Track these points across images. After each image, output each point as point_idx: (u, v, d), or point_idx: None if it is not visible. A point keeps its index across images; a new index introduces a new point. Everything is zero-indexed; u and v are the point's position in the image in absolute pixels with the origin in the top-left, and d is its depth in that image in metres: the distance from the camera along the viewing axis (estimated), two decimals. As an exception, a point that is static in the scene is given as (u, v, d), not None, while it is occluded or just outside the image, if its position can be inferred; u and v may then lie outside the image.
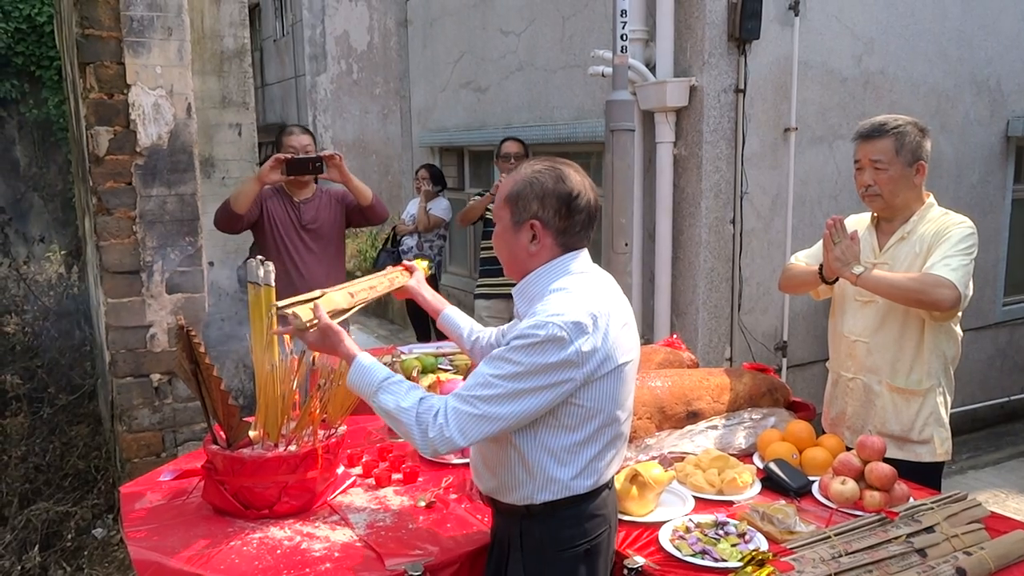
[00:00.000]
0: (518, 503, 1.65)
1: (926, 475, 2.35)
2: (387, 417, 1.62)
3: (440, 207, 5.63)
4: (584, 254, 1.71)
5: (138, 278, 3.40)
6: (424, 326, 6.04)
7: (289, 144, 3.49)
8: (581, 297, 1.59)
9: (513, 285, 1.76)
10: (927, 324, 2.33)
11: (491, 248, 4.51)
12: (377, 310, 8.88)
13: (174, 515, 1.97)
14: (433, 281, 5.54)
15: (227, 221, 3.41)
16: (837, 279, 2.39)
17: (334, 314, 1.98)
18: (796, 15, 4.13)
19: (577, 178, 1.66)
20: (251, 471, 1.91)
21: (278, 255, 3.47)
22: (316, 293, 1.99)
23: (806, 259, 2.58)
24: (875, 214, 2.47)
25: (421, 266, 2.27)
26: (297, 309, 1.88)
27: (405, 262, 2.29)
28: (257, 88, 13.07)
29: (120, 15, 3.23)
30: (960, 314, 2.35)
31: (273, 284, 1.97)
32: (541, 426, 1.59)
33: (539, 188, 1.64)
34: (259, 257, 1.97)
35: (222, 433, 1.98)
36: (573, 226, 1.66)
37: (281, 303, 1.91)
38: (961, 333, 2.42)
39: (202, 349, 1.91)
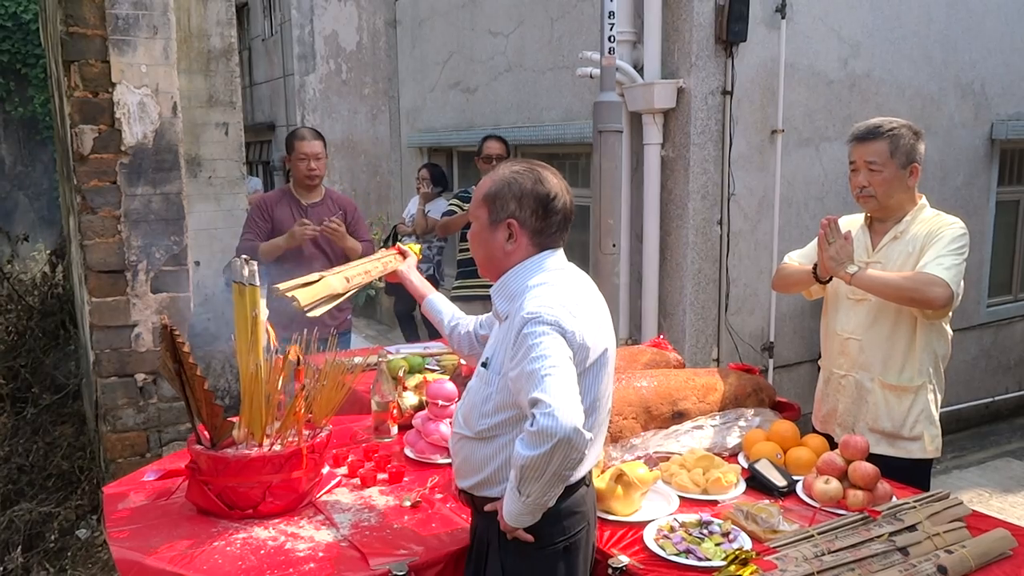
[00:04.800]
0: (500, 496, 1.65)
1: (916, 471, 2.38)
2: (541, 471, 1.47)
3: (439, 209, 5.59)
4: (559, 253, 1.74)
5: (123, 277, 3.38)
6: (411, 328, 6.02)
7: (301, 151, 3.62)
8: (562, 290, 1.62)
9: (490, 286, 1.76)
10: (919, 322, 2.36)
11: (469, 250, 4.47)
12: (366, 311, 8.86)
13: (158, 515, 1.96)
14: (433, 283, 5.53)
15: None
16: (831, 278, 2.40)
17: (330, 298, 2.01)
18: (783, 18, 4.15)
19: (554, 180, 1.69)
20: (235, 471, 1.90)
21: (285, 256, 3.58)
22: (314, 276, 2.02)
23: (799, 259, 2.60)
24: (868, 214, 2.49)
25: (414, 250, 2.30)
26: (296, 292, 1.91)
27: (399, 245, 2.31)
28: (245, 87, 13.01)
29: (105, 13, 3.21)
30: (951, 313, 2.38)
31: (258, 284, 1.97)
32: (523, 422, 1.59)
33: (517, 188, 1.67)
34: (244, 256, 1.97)
35: (206, 433, 1.97)
36: (549, 227, 1.69)
37: (281, 286, 1.94)
38: (951, 332, 2.45)
39: (186, 349, 1.90)
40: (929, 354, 2.39)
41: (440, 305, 2.14)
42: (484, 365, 1.71)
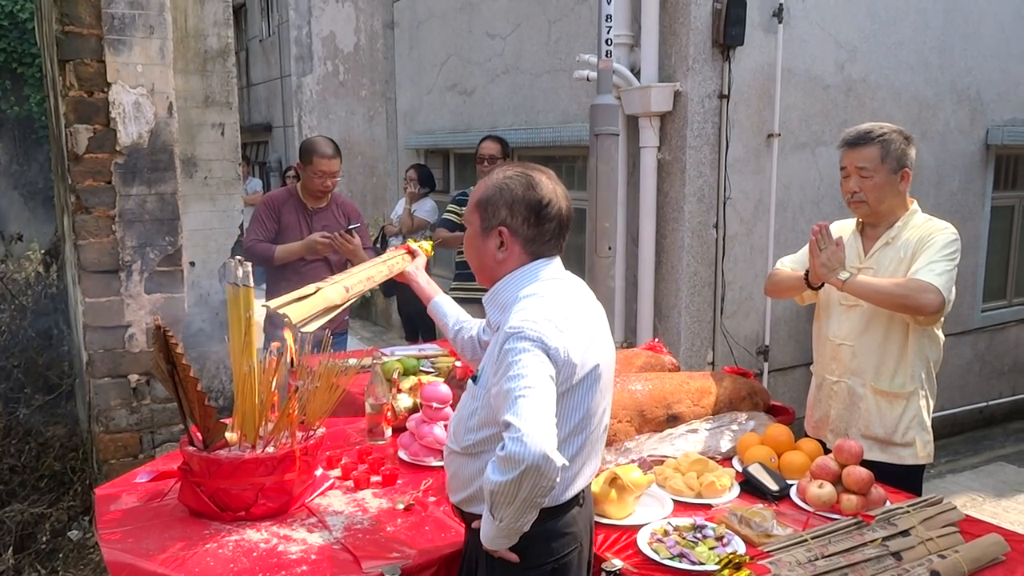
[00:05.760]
0: None
1: (908, 477, 2.38)
2: (511, 497, 1.42)
3: (425, 209, 5.60)
4: (556, 262, 1.67)
5: (116, 277, 3.36)
6: (412, 328, 5.98)
7: (320, 167, 3.68)
8: (551, 303, 1.56)
9: (486, 291, 1.72)
10: (911, 328, 2.36)
11: None
12: (360, 312, 8.84)
13: (150, 517, 1.95)
14: None
15: (261, 263, 3.66)
16: (823, 284, 2.40)
17: (328, 310, 1.97)
18: (780, 22, 4.16)
19: (549, 185, 1.63)
20: (228, 473, 1.89)
21: (290, 260, 3.69)
22: (311, 289, 1.97)
23: (792, 264, 2.60)
24: (860, 220, 2.49)
25: (424, 248, 2.23)
26: (287, 309, 1.87)
27: (409, 244, 2.25)
28: (243, 88, 12.99)
29: (101, 12, 3.20)
30: (943, 319, 2.38)
31: (252, 285, 1.96)
32: None
33: (508, 195, 1.61)
34: (238, 258, 1.96)
35: (199, 434, 1.96)
36: (543, 234, 1.63)
37: (273, 303, 1.90)
38: (943, 337, 2.45)
39: (179, 350, 1.89)
40: (921, 360, 2.39)
41: (446, 308, 2.08)
42: (474, 379, 1.67)
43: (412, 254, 2.21)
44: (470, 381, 1.69)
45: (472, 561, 1.69)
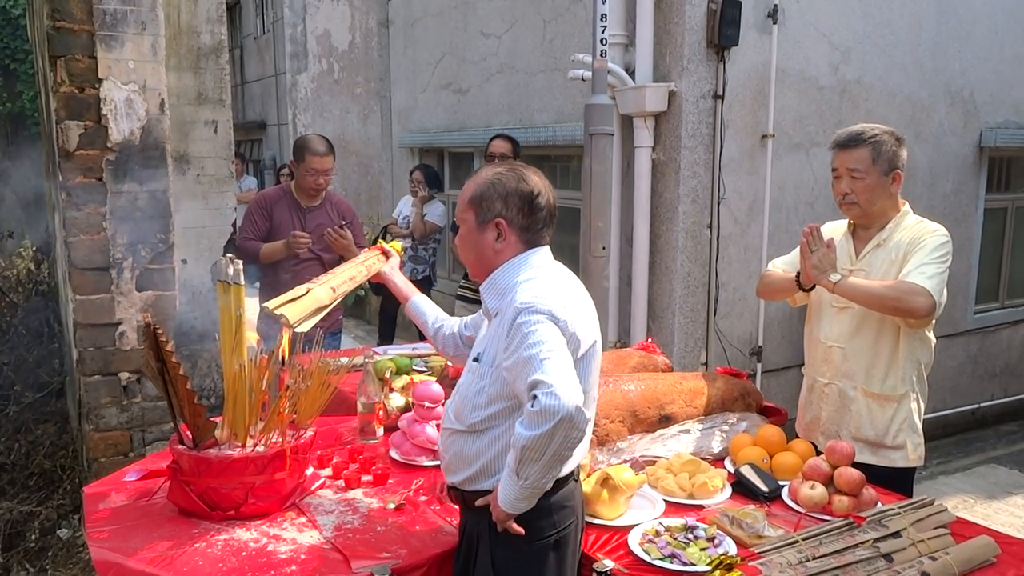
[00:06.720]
0: (491, 489, 1.66)
1: (899, 480, 2.37)
2: (542, 451, 1.50)
3: (436, 213, 5.56)
4: (546, 250, 1.77)
5: (107, 275, 3.35)
6: (388, 328, 5.99)
7: (312, 165, 3.67)
8: (551, 284, 1.67)
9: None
10: (902, 330, 2.35)
11: None
12: (355, 311, 8.82)
13: (138, 516, 1.93)
14: (427, 286, 5.53)
15: (249, 261, 3.60)
16: (814, 286, 2.40)
17: (318, 310, 2.01)
18: (774, 23, 4.16)
19: (536, 179, 1.74)
20: (217, 472, 1.88)
21: (283, 258, 3.67)
22: (302, 289, 2.02)
23: (783, 266, 2.60)
24: (852, 221, 2.49)
25: (396, 248, 2.29)
26: (284, 309, 1.91)
27: (382, 244, 2.29)
28: (237, 85, 12.94)
29: (92, 8, 3.18)
30: (934, 321, 2.38)
31: (243, 283, 1.95)
32: (516, 413, 1.62)
33: (502, 188, 1.71)
34: (228, 255, 1.95)
35: (188, 433, 1.95)
36: (535, 223, 1.73)
37: (270, 304, 1.93)
38: (935, 340, 2.45)
39: (169, 347, 1.88)
40: (912, 362, 2.39)
41: (424, 307, 2.15)
42: (476, 360, 1.73)
43: (386, 255, 2.27)
44: (471, 362, 1.75)
45: (472, 541, 1.72)
